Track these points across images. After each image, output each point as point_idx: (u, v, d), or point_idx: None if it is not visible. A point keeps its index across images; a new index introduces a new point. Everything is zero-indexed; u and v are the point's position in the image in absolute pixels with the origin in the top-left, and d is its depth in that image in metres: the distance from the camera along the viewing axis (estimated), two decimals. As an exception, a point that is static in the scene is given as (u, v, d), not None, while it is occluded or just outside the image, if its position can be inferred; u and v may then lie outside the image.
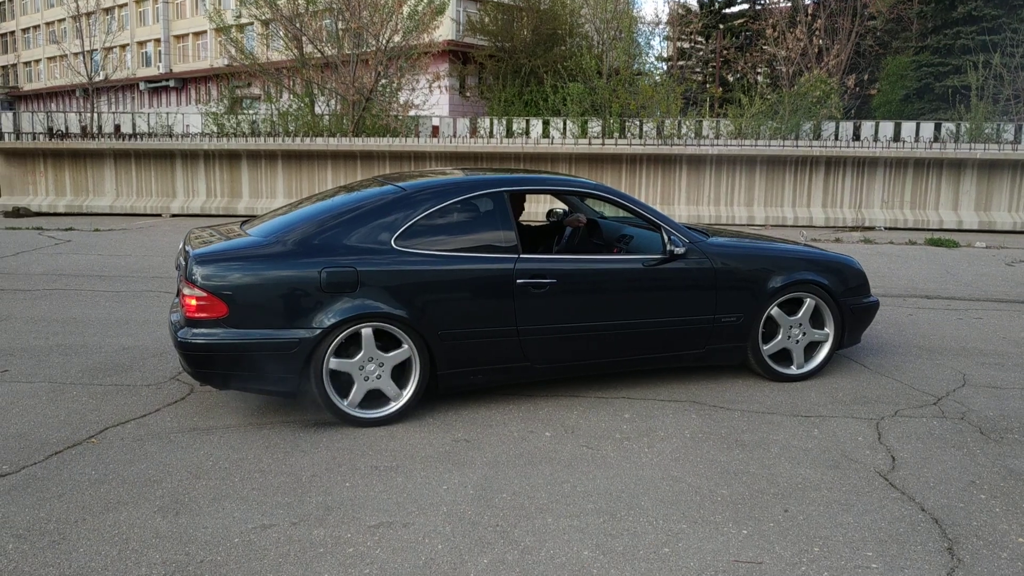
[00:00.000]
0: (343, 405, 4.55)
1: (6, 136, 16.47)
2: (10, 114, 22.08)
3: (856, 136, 23.10)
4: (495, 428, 4.68)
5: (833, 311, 5.53)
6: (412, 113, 19.92)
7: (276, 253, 4.54)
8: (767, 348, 5.45)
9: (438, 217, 4.78)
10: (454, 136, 19.61)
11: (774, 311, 5.41)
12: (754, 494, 3.90)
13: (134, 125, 22.94)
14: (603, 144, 14.17)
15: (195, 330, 4.43)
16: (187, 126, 21.95)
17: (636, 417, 4.87)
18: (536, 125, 19.72)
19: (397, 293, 4.57)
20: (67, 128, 22.20)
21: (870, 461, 4.30)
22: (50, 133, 17.71)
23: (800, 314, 5.49)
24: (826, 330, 5.57)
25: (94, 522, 3.54)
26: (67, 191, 14.40)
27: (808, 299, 5.48)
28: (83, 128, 22.42)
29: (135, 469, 4.07)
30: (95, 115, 22.77)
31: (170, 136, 18.20)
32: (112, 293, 8.02)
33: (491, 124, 20.00)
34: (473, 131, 21.07)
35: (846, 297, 5.58)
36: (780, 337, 5.47)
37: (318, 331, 4.44)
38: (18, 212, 13.94)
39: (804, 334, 5.52)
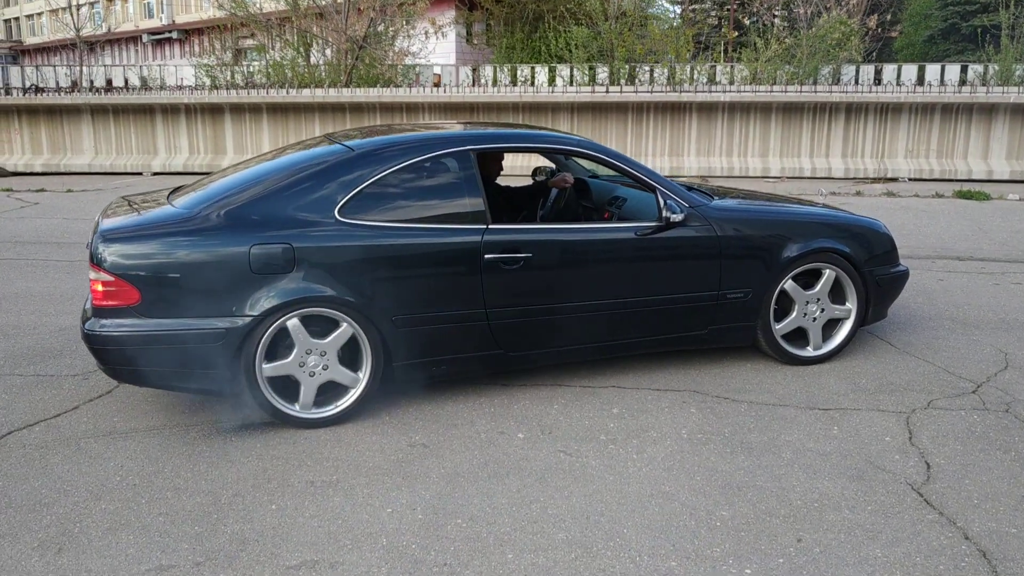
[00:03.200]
0: (282, 406, 3.91)
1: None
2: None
3: (877, 80, 21.97)
4: (459, 428, 4.02)
5: (856, 283, 4.80)
6: (410, 61, 19.00)
7: (198, 228, 3.85)
8: (780, 327, 4.73)
9: (391, 182, 4.06)
10: (456, 85, 18.71)
11: (788, 285, 4.69)
12: (761, 516, 3.24)
13: (126, 79, 22.09)
14: (607, 92, 13.29)
15: (103, 320, 3.76)
16: (180, 79, 21.08)
17: (625, 412, 4.20)
18: (541, 72, 18.77)
19: (342, 273, 3.88)
20: (58, 83, 21.40)
21: (900, 469, 3.61)
22: (35, 88, 16.96)
23: (818, 287, 4.76)
24: (847, 305, 4.85)
25: (-43, 563, 2.92)
26: (44, 149, 13.70)
27: (827, 270, 4.75)
28: (73, 83, 21.60)
29: (28, 488, 3.44)
30: (86, 69, 21.89)
31: (158, 89, 17.38)
32: (65, 264, 7.37)
33: (493, 72, 19.03)
34: (476, 80, 20.14)
35: (871, 267, 4.84)
36: (795, 314, 4.76)
37: (248, 319, 3.77)
38: (-8, 172, 13.30)
39: (822, 310, 4.80)
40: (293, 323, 3.83)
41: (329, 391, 4.03)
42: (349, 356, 4.01)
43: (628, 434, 3.95)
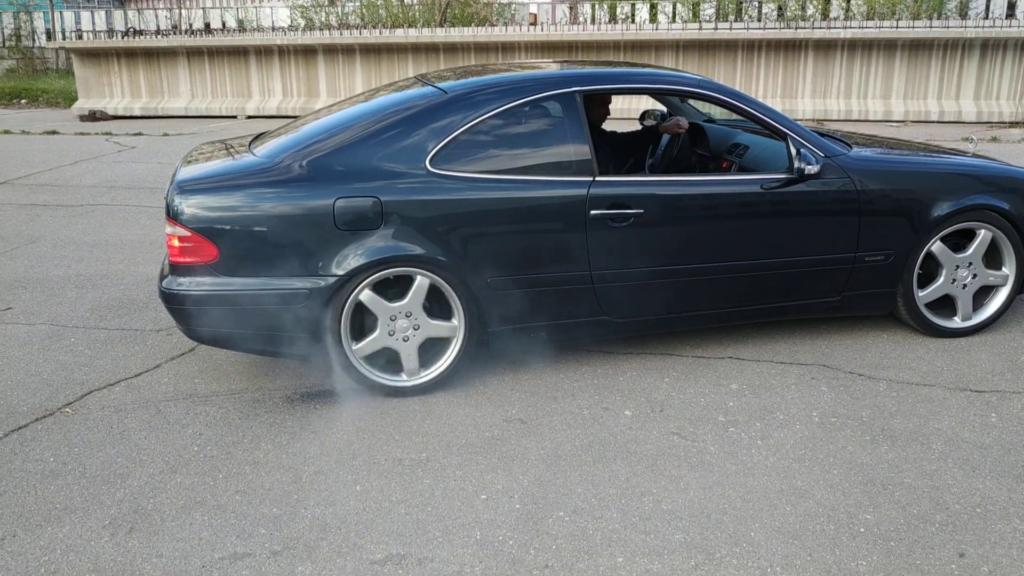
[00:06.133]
0: (349, 351, 3.60)
1: (85, 35, 15.94)
2: (94, 12, 21.53)
3: (1011, 13, 20.22)
4: (560, 403, 3.65)
5: (1016, 245, 4.18)
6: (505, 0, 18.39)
7: (279, 179, 3.54)
8: (924, 295, 4.17)
9: (487, 129, 3.66)
10: (553, 24, 18.01)
11: (935, 247, 4.11)
12: (912, 522, 2.77)
13: (223, 22, 22.14)
14: (715, 28, 12.46)
15: (181, 278, 3.52)
16: (275, 21, 21.00)
17: (746, 388, 3.75)
18: (642, 9, 17.92)
19: (432, 230, 3.52)
20: (158, 26, 21.60)
21: (1079, 470, 3.07)
22: (132, 32, 17.09)
23: (971, 250, 4.16)
24: (1004, 271, 4.23)
25: (25, 539, 2.73)
26: (142, 92, 13.76)
27: (983, 230, 4.14)
28: (173, 26, 21.79)
29: (103, 456, 3.24)
30: (184, 12, 22.07)
31: (252, 31, 17.29)
32: (156, 210, 7.26)
33: (592, 9, 18.27)
34: (574, 18, 19.38)
35: (1034, 226, 4.21)
36: (942, 280, 4.18)
37: (332, 280, 3.46)
38: (94, 115, 13.40)
39: (975, 276, 4.20)
40: (367, 295, 3.52)
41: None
42: (441, 316, 3.69)
43: (750, 415, 3.51)
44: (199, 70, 13.56)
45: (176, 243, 3.47)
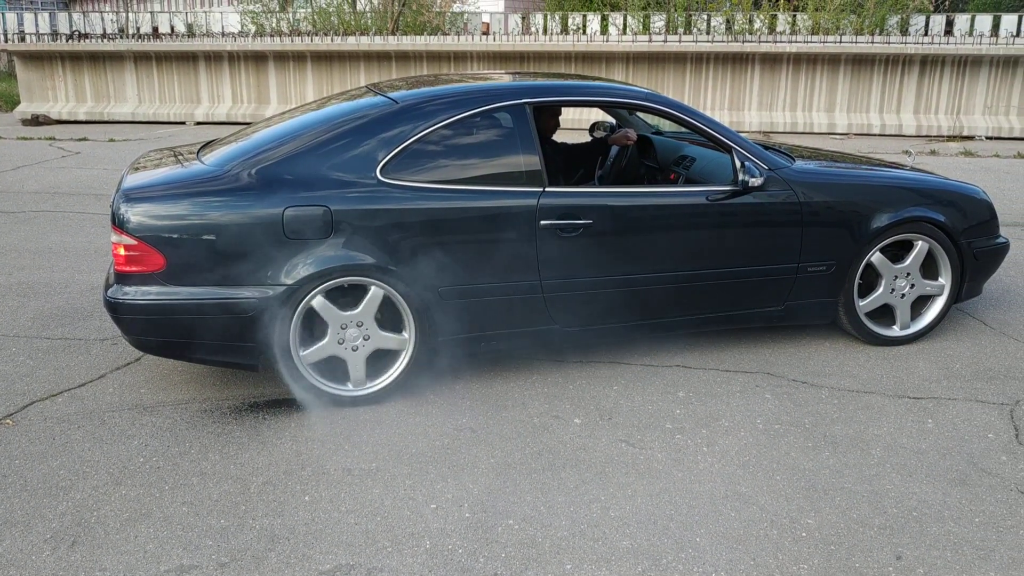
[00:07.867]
0: (298, 359, 3.58)
1: (28, 37, 15.56)
2: (37, 14, 21.06)
3: (948, 31, 20.83)
4: (510, 411, 3.67)
5: (951, 256, 4.32)
6: (458, 8, 18.41)
7: (228, 188, 3.51)
8: (864, 304, 4.29)
9: (438, 139, 3.68)
10: (506, 33, 18.09)
11: (875, 257, 4.23)
12: (852, 526, 2.85)
13: (172, 26, 21.80)
14: (665, 41, 12.64)
15: (127, 287, 3.47)
16: (224, 26, 20.74)
17: (693, 396, 3.81)
18: (593, 21, 18.07)
19: (383, 240, 3.53)
20: (104, 29, 21.20)
21: (1009, 474, 3.19)
22: (78, 35, 16.72)
23: (908, 261, 4.29)
24: (940, 280, 4.38)
25: (-37, 556, 2.66)
26: (87, 97, 13.49)
27: (920, 241, 4.28)
28: (120, 29, 21.40)
29: (45, 468, 3.18)
30: (132, 15, 21.69)
31: (202, 36, 17.05)
32: (102, 216, 7.13)
33: (544, 20, 18.36)
34: (526, 28, 19.47)
35: (968, 238, 4.36)
36: (881, 290, 4.30)
37: (282, 289, 3.44)
38: (37, 120, 13.10)
39: (912, 286, 4.33)
40: (319, 300, 3.51)
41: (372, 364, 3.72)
42: (392, 327, 3.69)
43: (696, 422, 3.57)
44: (147, 75, 13.34)
45: (122, 252, 3.42)
